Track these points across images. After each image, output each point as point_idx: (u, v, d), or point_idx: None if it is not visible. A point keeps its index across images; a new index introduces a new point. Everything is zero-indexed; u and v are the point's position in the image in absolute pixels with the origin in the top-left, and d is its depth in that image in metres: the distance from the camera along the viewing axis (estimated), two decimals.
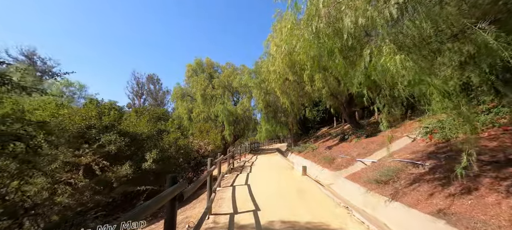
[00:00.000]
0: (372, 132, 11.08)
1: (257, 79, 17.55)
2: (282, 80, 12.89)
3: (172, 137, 8.14)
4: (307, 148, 16.17)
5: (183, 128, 11.29)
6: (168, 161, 7.70)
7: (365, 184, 6.03)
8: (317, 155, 12.05)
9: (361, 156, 8.96)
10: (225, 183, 7.39)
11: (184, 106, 21.40)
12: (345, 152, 10.42)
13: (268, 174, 8.63)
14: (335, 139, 13.90)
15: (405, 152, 6.98)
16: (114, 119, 6.98)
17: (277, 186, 6.44)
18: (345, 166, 8.81)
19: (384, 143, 9.11)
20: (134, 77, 57.26)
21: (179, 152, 8.11)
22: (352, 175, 7.36)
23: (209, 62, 24.14)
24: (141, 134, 7.31)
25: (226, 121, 20.02)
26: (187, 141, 8.63)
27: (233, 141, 24.24)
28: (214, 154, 10.97)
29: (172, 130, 8.64)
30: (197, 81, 21.04)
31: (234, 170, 10.67)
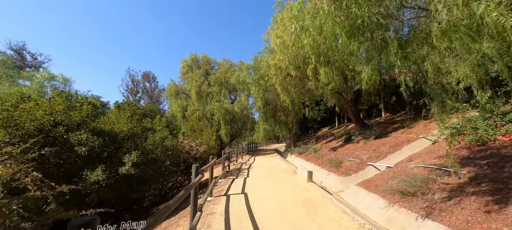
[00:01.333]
0: (382, 132, 10.12)
1: (256, 75, 16.49)
2: (283, 76, 11.87)
3: (158, 137, 7.06)
4: (308, 149, 15.18)
5: (174, 127, 10.20)
6: (153, 164, 6.61)
7: (385, 194, 5.04)
8: (321, 157, 11.05)
9: (373, 160, 7.99)
10: (218, 190, 6.34)
11: (178, 104, 20.24)
12: (352, 154, 9.44)
13: (269, 180, 7.59)
14: (339, 140, 12.93)
15: (429, 156, 6.00)
16: (87, 114, 5.87)
17: (281, 197, 5.40)
18: (355, 170, 7.83)
19: (398, 145, 8.16)
20: (129, 74, 55.81)
21: (167, 153, 7.04)
22: (365, 182, 6.36)
23: (205, 58, 23.02)
24: (120, 132, 6.21)
25: (223, 119, 18.94)
26: (176, 141, 7.56)
27: (229, 141, 23.16)
28: (208, 156, 9.90)
29: (159, 129, 7.56)
30: (192, 77, 19.90)
31: (230, 174, 9.61)
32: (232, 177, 8.65)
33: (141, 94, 57.15)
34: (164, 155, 7.09)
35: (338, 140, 13.14)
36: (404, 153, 7.57)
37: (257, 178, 8.08)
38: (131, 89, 56.40)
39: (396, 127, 10.25)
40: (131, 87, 56.39)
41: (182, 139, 8.36)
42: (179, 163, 7.71)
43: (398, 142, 8.42)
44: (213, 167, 6.01)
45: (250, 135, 33.95)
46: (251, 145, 28.40)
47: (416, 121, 9.77)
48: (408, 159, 6.49)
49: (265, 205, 4.74)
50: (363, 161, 8.24)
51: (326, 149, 12.65)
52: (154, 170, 6.68)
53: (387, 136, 9.57)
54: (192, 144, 8.27)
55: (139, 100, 57.68)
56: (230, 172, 10.05)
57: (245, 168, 11.09)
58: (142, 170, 6.02)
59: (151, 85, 54.58)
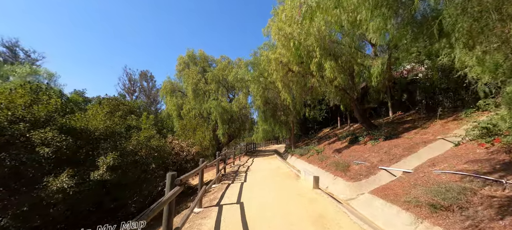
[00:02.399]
0: (391, 133, 9.27)
1: (255, 72, 15.63)
2: (285, 72, 11.01)
3: (143, 136, 6.17)
4: (310, 150, 14.32)
5: (165, 125, 9.33)
6: (135, 168, 5.71)
7: (409, 206, 4.17)
8: (325, 160, 10.18)
9: (385, 163, 7.13)
10: (209, 199, 5.45)
11: (173, 102, 19.31)
12: (360, 157, 8.58)
13: (269, 186, 6.71)
14: (344, 141, 12.07)
15: (456, 160, 5.15)
16: (56, 109, 4.98)
17: (284, 209, 4.53)
18: (365, 175, 6.97)
19: (413, 147, 7.31)
20: (126, 73, 54.84)
21: (152, 155, 6.15)
22: (381, 190, 5.50)
23: (203, 55, 22.14)
24: (95, 130, 5.31)
25: (220, 118, 18.05)
26: (164, 141, 6.66)
27: (227, 141, 22.27)
28: (202, 157, 9.00)
29: (145, 127, 6.67)
30: (189, 74, 18.99)
31: (226, 177, 8.72)
32: (228, 181, 7.76)
33: (138, 94, 56.19)
34: (150, 156, 6.20)
35: (343, 141, 12.29)
36: (422, 156, 6.73)
37: (255, 183, 7.19)
38: (128, 88, 55.45)
39: (408, 127, 9.40)
40: (128, 86, 55.43)
41: (171, 139, 7.47)
42: (167, 166, 6.82)
43: (412, 143, 7.57)
44: (203, 171, 5.12)
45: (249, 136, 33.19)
46: (250, 145, 27.55)
47: (429, 121, 8.93)
48: (430, 164, 5.63)
49: (265, 221, 3.86)
50: (374, 164, 7.38)
51: (330, 151, 11.79)
52: (137, 174, 5.78)
53: (399, 136, 8.72)
54: (182, 144, 7.37)
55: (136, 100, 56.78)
56: (226, 176, 9.16)
57: (243, 171, 10.20)
58: (121, 175, 5.12)
59: (149, 84, 53.67)
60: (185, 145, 7.35)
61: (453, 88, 8.54)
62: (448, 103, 9.03)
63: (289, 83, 11.42)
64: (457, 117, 7.91)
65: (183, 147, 7.27)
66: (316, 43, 8.72)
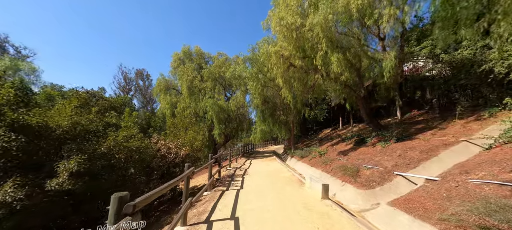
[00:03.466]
0: (403, 134, 8.42)
1: (254, 68, 14.72)
2: (286, 66, 10.11)
3: (121, 136, 5.22)
4: (311, 152, 13.43)
5: (154, 124, 8.36)
6: (110, 174, 4.75)
7: (448, 226, 3.28)
8: (329, 163, 9.29)
9: (401, 168, 6.26)
10: (197, 212, 4.50)
11: (167, 100, 18.29)
12: (370, 160, 7.71)
13: (269, 195, 5.79)
14: (349, 142, 11.21)
15: (496, 167, 4.28)
16: (7, 101, 4.01)
17: (289, 227, 3.60)
18: (379, 182, 6.08)
19: (432, 150, 6.45)
20: (121, 71, 53.68)
21: (132, 158, 5.20)
22: (403, 201, 4.61)
23: (199, 51, 21.16)
24: (57, 128, 4.35)
25: (216, 118, 17.09)
26: (147, 142, 5.68)
27: (224, 142, 21.30)
28: (193, 160, 8.04)
29: (125, 125, 5.70)
30: (184, 71, 17.99)
31: (220, 182, 7.77)
32: (222, 188, 6.81)
33: (134, 93, 55.05)
34: (130, 160, 5.25)
35: (348, 142, 11.42)
36: (444, 161, 5.87)
37: (253, 190, 6.26)
38: (123, 87, 54.25)
39: (421, 128, 8.56)
40: (123, 85, 54.24)
41: (156, 139, 6.50)
42: (151, 171, 5.87)
43: (430, 146, 6.72)
44: (190, 179, 4.18)
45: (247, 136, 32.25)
46: (248, 146, 26.63)
47: (445, 121, 8.10)
48: (461, 171, 4.76)
49: None
50: (388, 169, 6.50)
51: (334, 153, 10.91)
52: (112, 181, 4.81)
53: (412, 138, 7.86)
54: (170, 145, 6.41)
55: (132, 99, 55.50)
56: (221, 180, 8.21)
57: (239, 175, 9.26)
58: (89, 182, 4.15)
59: (145, 83, 52.51)
60: (173, 146, 6.39)
61: (473, 85, 7.71)
62: (465, 101, 8.20)
63: (290, 79, 10.53)
64: (479, 117, 7.08)
65: (171, 148, 6.32)
66: (322, 33, 7.83)
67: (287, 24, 8.73)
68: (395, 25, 7.16)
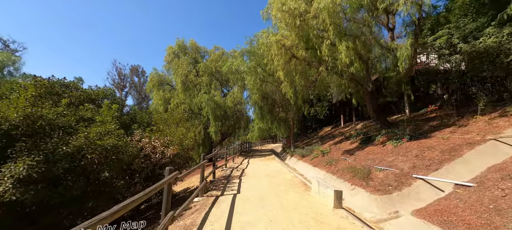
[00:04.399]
0: (416, 131, 7.67)
1: (252, 62, 13.84)
2: (288, 57, 9.26)
3: (94, 132, 4.33)
4: (313, 151, 12.67)
5: (140, 119, 7.45)
6: (78, 179, 3.87)
7: None
8: (334, 163, 8.51)
9: (420, 170, 5.49)
10: (185, 226, 3.66)
11: (159, 95, 17.32)
12: (381, 161, 6.94)
13: (271, 201, 4.97)
14: (354, 141, 10.45)
15: None
16: None
17: None
18: (396, 186, 5.31)
19: (454, 150, 5.69)
20: (116, 67, 52.30)
21: (108, 159, 4.32)
22: (432, 212, 3.83)
23: (194, 45, 20.17)
24: (3, 121, 3.44)
25: (212, 114, 16.20)
26: (126, 140, 4.77)
27: (220, 140, 20.44)
28: (184, 161, 7.15)
29: (101, 120, 4.79)
30: (178, 65, 17.02)
31: (214, 185, 6.92)
32: (216, 192, 5.97)
33: (129, 89, 53.64)
34: (105, 161, 4.37)
35: (353, 141, 10.66)
36: (471, 162, 5.11)
37: (252, 196, 5.42)
38: (117, 84, 52.89)
39: (436, 125, 7.82)
40: (118, 82, 52.85)
41: (139, 136, 5.59)
42: (133, 173, 5.00)
43: (452, 145, 5.96)
44: (171, 186, 3.32)
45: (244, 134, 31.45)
46: (245, 144, 25.79)
47: (463, 117, 7.36)
48: (501, 175, 3.99)
49: None
50: (405, 171, 5.73)
51: (338, 152, 10.15)
52: (81, 187, 3.93)
53: (428, 136, 7.11)
54: (155, 143, 5.51)
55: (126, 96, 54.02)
56: (215, 183, 7.36)
57: (236, 176, 8.43)
58: (44, 191, 3.27)
59: (140, 80, 51.17)
60: (160, 144, 5.50)
61: (495, 78, 6.96)
62: (484, 96, 7.47)
63: (292, 72, 9.68)
64: (505, 112, 6.34)
65: (157, 147, 5.43)
66: (329, 19, 6.99)
67: (290, 10, 7.87)
68: (412, 9, 6.35)
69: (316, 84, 12.98)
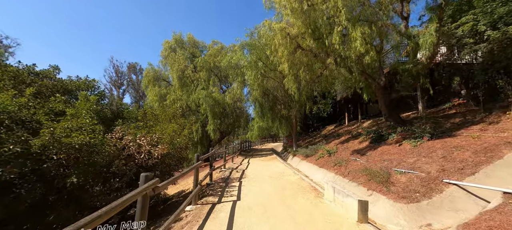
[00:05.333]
0: (437, 129, 6.87)
1: (252, 55, 12.99)
2: (293, 48, 8.42)
3: (61, 127, 3.50)
4: (317, 150, 11.87)
5: (127, 115, 6.61)
6: (35, 186, 3.03)
7: None
8: (344, 164, 7.69)
9: (452, 174, 4.68)
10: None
11: (155, 92, 16.44)
12: (400, 162, 6.13)
13: (277, 211, 4.16)
14: (363, 140, 9.65)
15: None
16: None
17: None
18: (425, 193, 4.50)
19: (490, 150, 4.89)
20: (113, 65, 51.40)
21: (79, 160, 3.49)
22: None
23: (192, 39, 19.29)
24: None
25: (210, 112, 15.36)
26: (102, 138, 3.94)
27: (219, 138, 19.61)
28: (176, 162, 6.32)
29: (72, 113, 3.96)
30: (174, 59, 16.14)
31: (211, 189, 6.10)
32: (212, 198, 5.14)
33: (126, 87, 52.71)
34: (74, 162, 3.53)
35: (361, 140, 9.86)
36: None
37: (255, 204, 4.60)
38: (114, 81, 51.94)
39: (459, 122, 7.02)
40: (115, 79, 51.92)
41: (120, 133, 4.75)
42: (112, 177, 4.17)
43: (486, 144, 5.16)
44: (148, 198, 2.48)
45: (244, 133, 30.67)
46: (245, 143, 24.98)
47: (491, 113, 6.56)
48: None
49: None
50: (433, 175, 4.92)
51: (346, 152, 9.34)
52: (36, 197, 3.09)
53: (452, 135, 6.30)
54: (141, 141, 4.68)
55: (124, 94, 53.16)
56: (212, 186, 6.54)
57: (236, 178, 7.62)
58: None
59: (138, 77, 50.31)
60: (146, 142, 4.67)
61: None
62: None
63: (298, 64, 8.84)
64: None
65: (142, 146, 4.59)
66: (342, 1, 6.16)
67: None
68: None
69: (321, 80, 12.15)
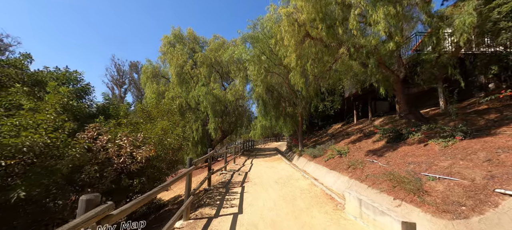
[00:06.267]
0: (469, 128, 5.91)
1: (256, 49, 12.11)
2: (301, 36, 7.52)
3: (10, 124, 2.69)
4: (325, 150, 11.01)
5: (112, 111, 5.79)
6: None
7: None
8: (360, 167, 6.80)
9: (506, 183, 3.75)
10: None
11: (153, 89, 15.67)
12: (430, 165, 5.20)
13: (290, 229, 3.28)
14: (377, 139, 8.73)
15: None
16: None
17: None
18: (475, 207, 3.59)
19: None
20: (115, 64, 51.15)
21: (33, 168, 2.68)
22: None
23: (192, 34, 18.46)
24: None
25: (211, 109, 14.53)
26: (66, 138, 3.10)
27: (221, 138, 18.82)
28: (169, 165, 5.48)
29: (31, 107, 3.16)
30: (173, 54, 15.34)
31: (208, 198, 5.25)
32: (209, 210, 4.29)
33: (128, 86, 52.42)
34: (23, 170, 2.71)
35: (376, 138, 8.94)
36: None
37: (261, 222, 3.72)
38: (116, 80, 51.69)
39: (496, 119, 6.06)
40: (117, 78, 51.68)
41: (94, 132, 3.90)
42: (81, 188, 3.32)
43: None
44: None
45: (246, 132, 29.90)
46: (247, 143, 24.14)
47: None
48: None
49: None
50: (478, 183, 4.00)
51: (360, 152, 8.43)
52: None
53: (492, 133, 5.36)
54: (122, 141, 3.84)
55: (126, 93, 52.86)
56: (210, 193, 5.69)
57: (237, 183, 6.77)
58: None
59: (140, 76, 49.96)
60: (128, 143, 3.83)
61: None
62: None
63: (306, 55, 7.93)
64: None
65: (123, 147, 3.74)
66: None
67: None
68: None
69: (330, 74, 11.21)
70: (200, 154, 15.40)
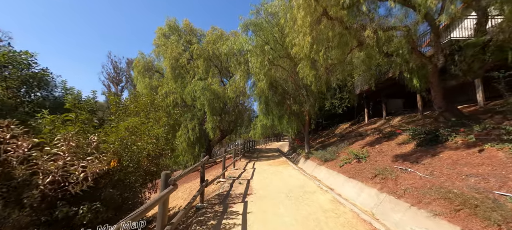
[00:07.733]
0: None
1: (259, 38, 10.71)
2: (318, 15, 6.10)
3: None
4: (338, 153, 9.69)
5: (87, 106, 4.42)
6: None
7: None
8: (390, 177, 5.41)
9: None
10: None
11: (144, 83, 14.26)
12: (506, 180, 3.80)
13: None
14: (406, 141, 7.34)
15: None
16: None
17: None
18: None
19: None
20: (111, 61, 49.74)
21: None
22: None
23: (188, 26, 17.03)
24: None
25: (209, 107, 13.13)
26: None
27: (220, 138, 17.42)
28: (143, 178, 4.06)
29: None
30: (167, 46, 13.93)
31: (198, 225, 3.85)
32: None
33: (125, 84, 51.06)
34: None
35: (400, 140, 7.57)
36: None
37: None
38: (112, 78, 50.30)
39: None
40: (113, 76, 50.29)
41: (6, 133, 2.55)
42: None
43: None
44: None
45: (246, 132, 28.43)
46: (248, 143, 22.74)
47: None
48: None
49: None
50: None
51: (383, 157, 7.03)
52: None
53: None
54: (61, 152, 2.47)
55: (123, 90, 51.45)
56: (202, 213, 4.28)
57: (238, 197, 5.37)
58: None
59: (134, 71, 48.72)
60: (67, 149, 2.44)
61: None
62: None
63: (321, 40, 6.52)
64: None
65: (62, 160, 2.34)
66: None
67: None
68: None
69: (343, 67, 9.79)
70: (197, 155, 14.02)
